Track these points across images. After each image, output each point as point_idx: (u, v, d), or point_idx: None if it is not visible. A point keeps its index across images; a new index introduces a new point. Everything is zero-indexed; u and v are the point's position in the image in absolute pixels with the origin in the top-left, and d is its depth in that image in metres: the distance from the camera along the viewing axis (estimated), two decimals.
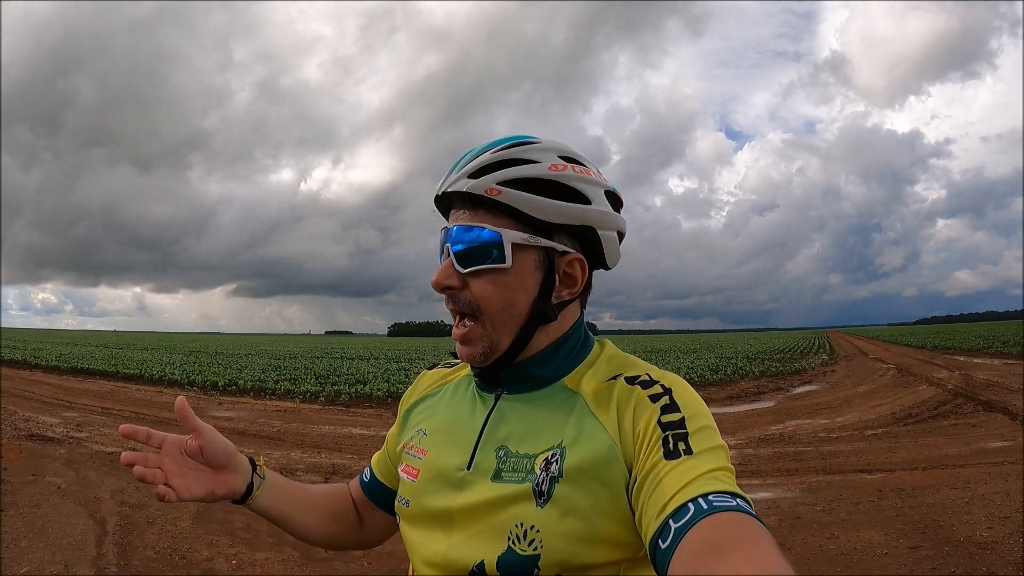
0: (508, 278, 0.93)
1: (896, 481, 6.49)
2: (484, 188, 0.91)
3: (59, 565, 4.24)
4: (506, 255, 0.91)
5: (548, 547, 0.84)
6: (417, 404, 1.15)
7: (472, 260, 0.92)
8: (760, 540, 0.67)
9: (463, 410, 1.04)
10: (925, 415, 10.78)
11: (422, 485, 1.00)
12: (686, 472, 0.77)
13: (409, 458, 1.05)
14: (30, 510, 5.32)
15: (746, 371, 20.59)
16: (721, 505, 0.72)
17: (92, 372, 19.84)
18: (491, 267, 0.92)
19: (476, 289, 0.93)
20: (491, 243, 0.91)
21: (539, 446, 0.91)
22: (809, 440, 9.02)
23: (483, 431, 0.97)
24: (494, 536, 0.88)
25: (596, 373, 0.97)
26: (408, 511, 1.02)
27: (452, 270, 0.94)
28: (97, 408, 11.92)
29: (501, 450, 0.94)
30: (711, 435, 0.83)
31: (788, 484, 6.55)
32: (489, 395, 1.02)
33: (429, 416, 1.09)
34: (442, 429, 1.04)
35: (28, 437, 8.60)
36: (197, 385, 16.48)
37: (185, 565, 4.39)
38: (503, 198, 0.91)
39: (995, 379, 15.58)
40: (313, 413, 12.07)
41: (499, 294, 0.93)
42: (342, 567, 4.47)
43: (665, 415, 0.85)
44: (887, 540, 4.85)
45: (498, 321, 0.93)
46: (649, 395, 0.89)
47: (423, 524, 0.98)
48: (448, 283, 0.94)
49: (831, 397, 14.15)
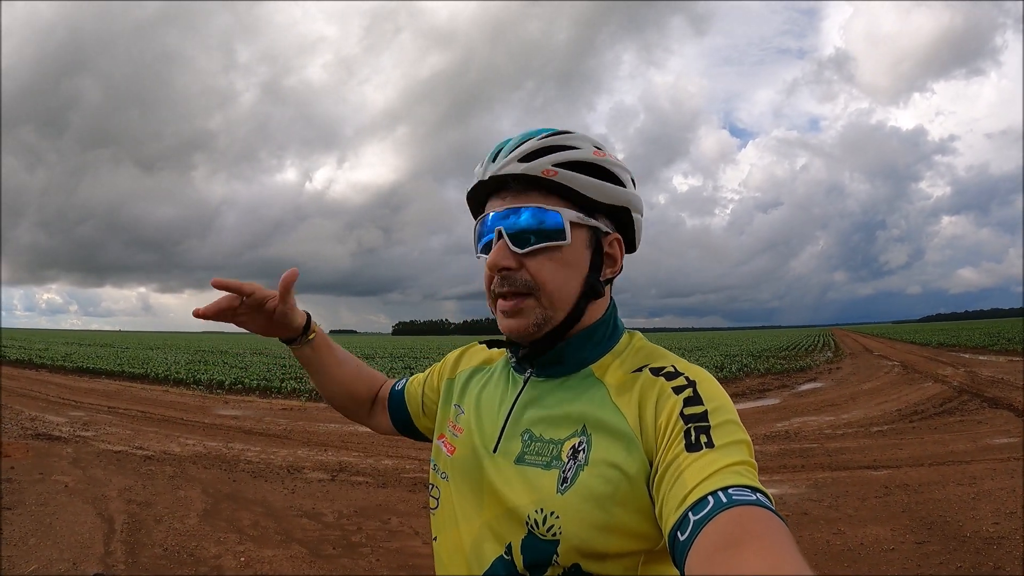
0: (565, 255, 0.95)
1: (902, 477, 6.48)
2: (540, 169, 0.94)
3: (67, 563, 4.25)
4: (567, 232, 0.94)
5: (567, 533, 0.86)
6: (460, 376, 1.19)
7: (530, 240, 0.94)
8: (777, 535, 0.67)
9: (498, 392, 1.07)
10: (931, 412, 10.76)
11: (457, 461, 1.05)
12: (707, 465, 0.77)
13: (449, 433, 1.10)
14: (37, 508, 5.34)
15: (751, 369, 20.55)
16: (740, 499, 0.72)
17: (98, 371, 19.86)
18: (551, 245, 0.94)
19: (534, 268, 0.95)
20: (551, 222, 0.94)
21: (563, 432, 0.93)
22: (815, 437, 9.01)
23: (510, 414, 1.00)
24: (517, 520, 0.91)
25: (623, 363, 0.99)
26: (446, 485, 1.06)
27: (508, 251, 0.95)
28: (103, 407, 11.95)
29: (526, 434, 0.96)
30: (734, 429, 0.83)
31: (795, 480, 6.54)
32: (519, 377, 1.05)
33: (469, 393, 1.13)
34: (477, 409, 1.08)
35: (35, 436, 8.62)
36: (203, 384, 16.49)
37: (193, 563, 4.40)
38: (559, 178, 0.94)
39: (1000, 376, 15.54)
40: (319, 411, 12.08)
41: (558, 271, 0.95)
42: (350, 564, 4.48)
43: (688, 407, 0.85)
44: (894, 536, 4.85)
45: (556, 297, 0.95)
46: (673, 387, 0.89)
47: (455, 503, 1.03)
48: (505, 263, 0.95)
49: (836, 394, 14.12)
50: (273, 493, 6.19)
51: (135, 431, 9.46)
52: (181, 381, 17.23)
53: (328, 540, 4.90)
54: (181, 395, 14.63)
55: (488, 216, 0.98)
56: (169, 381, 17.40)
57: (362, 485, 6.58)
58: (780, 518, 0.70)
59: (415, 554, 4.56)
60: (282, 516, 5.46)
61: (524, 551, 0.89)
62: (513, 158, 0.95)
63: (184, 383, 16.92)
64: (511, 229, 0.95)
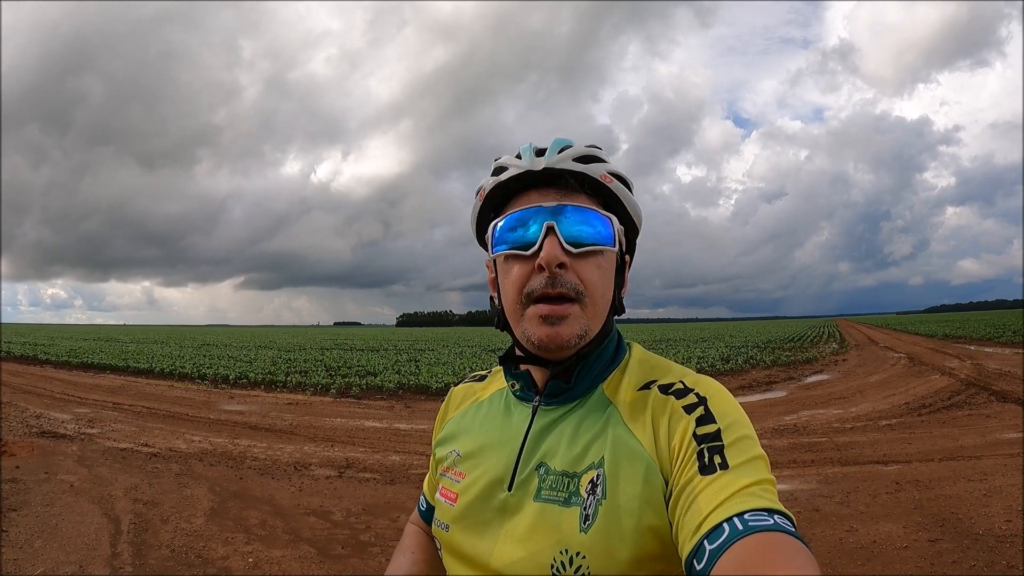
0: (608, 265, 0.93)
1: (913, 473, 6.44)
2: (599, 173, 0.92)
3: (74, 565, 4.23)
4: (616, 240, 0.93)
5: (596, 572, 0.81)
6: (451, 424, 1.10)
7: (584, 242, 0.90)
8: (794, 562, 0.64)
9: (497, 427, 1.00)
10: (939, 405, 10.70)
11: (463, 509, 0.96)
12: (722, 489, 0.74)
13: (447, 481, 1.02)
14: (43, 509, 5.32)
15: (756, 360, 20.50)
16: (757, 525, 0.68)
17: (102, 367, 19.93)
18: (601, 248, 0.91)
19: (583, 271, 0.90)
20: (604, 227, 0.92)
21: (579, 464, 0.87)
22: (824, 431, 8.97)
23: (522, 449, 0.93)
24: (539, 563, 0.85)
25: (630, 379, 0.94)
26: (448, 536, 0.97)
27: (561, 249, 0.89)
28: (108, 403, 11.96)
29: (541, 468, 0.90)
30: (749, 445, 0.79)
31: (805, 476, 6.50)
32: (526, 406, 0.98)
33: (464, 436, 1.05)
34: (478, 449, 1.00)
35: (40, 434, 8.63)
36: (208, 379, 16.52)
37: (201, 564, 4.38)
38: (613, 187, 0.93)
39: (1007, 369, 15.46)
40: (324, 406, 12.08)
41: (603, 278, 0.92)
42: (359, 564, 4.45)
43: (700, 427, 0.82)
44: (906, 533, 4.80)
45: (599, 306, 0.92)
46: (684, 406, 0.85)
47: (464, 550, 0.94)
48: (562, 259, 0.89)
49: (843, 387, 14.06)
50: (280, 491, 6.16)
51: (140, 428, 9.46)
52: (186, 376, 17.27)
53: (337, 539, 4.87)
54: (186, 390, 14.64)
55: (530, 209, 0.91)
56: (174, 376, 17.45)
57: (370, 482, 6.55)
58: (800, 540, 0.67)
59: None
60: (290, 515, 5.44)
61: None
62: (567, 156, 0.91)
63: (189, 377, 16.95)
64: (567, 226, 0.90)
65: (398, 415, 11.18)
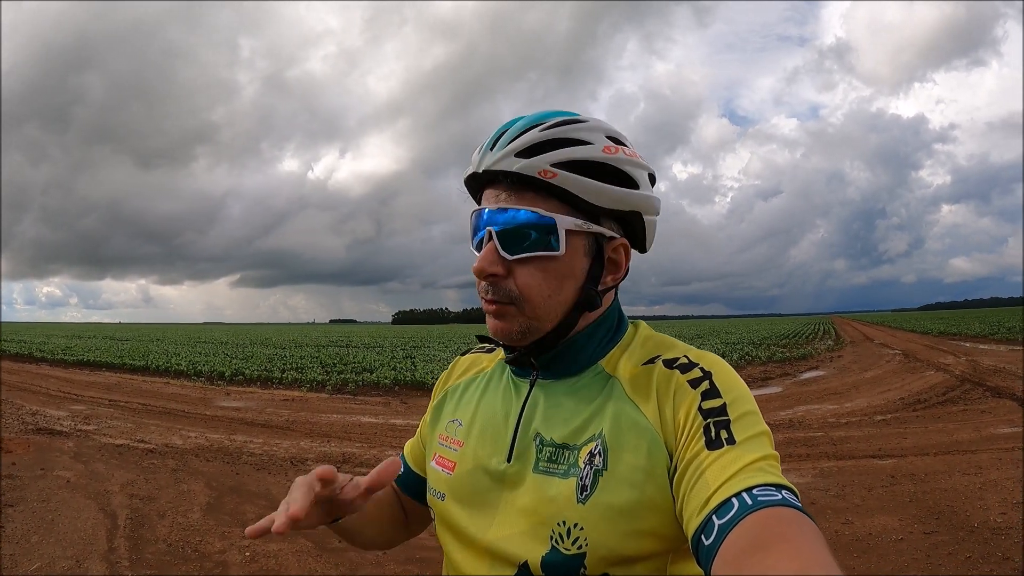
0: (558, 265, 0.87)
1: (908, 466, 6.47)
2: (537, 169, 0.84)
3: (70, 561, 4.22)
4: (560, 242, 0.85)
5: (593, 544, 0.81)
6: (451, 392, 1.09)
7: (520, 246, 0.86)
8: (805, 536, 0.64)
9: (499, 399, 0.98)
10: (934, 401, 10.75)
11: (460, 478, 0.95)
12: (729, 464, 0.74)
13: (444, 449, 1.00)
14: (39, 505, 5.31)
15: (752, 357, 20.55)
16: (766, 500, 0.69)
17: (98, 364, 19.85)
18: (543, 255, 0.86)
19: (521, 278, 0.86)
20: (544, 229, 0.85)
21: (579, 436, 0.87)
22: (819, 426, 9.01)
23: (520, 420, 0.93)
24: (537, 535, 0.84)
25: (632, 356, 0.93)
26: (443, 505, 0.97)
27: (496, 256, 0.86)
28: (104, 400, 11.93)
29: (539, 439, 0.89)
30: (754, 421, 0.80)
31: (800, 470, 6.53)
32: (523, 380, 0.97)
33: (465, 405, 1.03)
34: (479, 419, 0.99)
35: (36, 431, 8.60)
36: (204, 375, 16.48)
37: (198, 558, 4.37)
38: (557, 181, 0.84)
39: (1001, 365, 15.52)
40: (321, 402, 12.07)
41: (546, 283, 0.87)
42: (356, 556, 4.45)
43: (706, 401, 0.81)
44: (902, 525, 4.83)
45: (541, 310, 0.88)
46: (689, 380, 0.85)
47: (461, 520, 0.93)
48: (493, 271, 0.86)
49: (839, 383, 14.12)
50: (277, 486, 6.16)
51: (137, 424, 9.44)
52: (182, 373, 17.20)
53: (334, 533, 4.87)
54: (182, 387, 14.60)
55: (483, 212, 0.89)
56: (170, 373, 17.38)
57: None
58: (808, 516, 0.67)
59: (423, 547, 4.52)
60: None
61: (545, 568, 0.83)
62: (510, 151, 0.84)
63: (185, 375, 16.90)
64: (502, 232, 0.86)
65: (394, 411, 11.19)
